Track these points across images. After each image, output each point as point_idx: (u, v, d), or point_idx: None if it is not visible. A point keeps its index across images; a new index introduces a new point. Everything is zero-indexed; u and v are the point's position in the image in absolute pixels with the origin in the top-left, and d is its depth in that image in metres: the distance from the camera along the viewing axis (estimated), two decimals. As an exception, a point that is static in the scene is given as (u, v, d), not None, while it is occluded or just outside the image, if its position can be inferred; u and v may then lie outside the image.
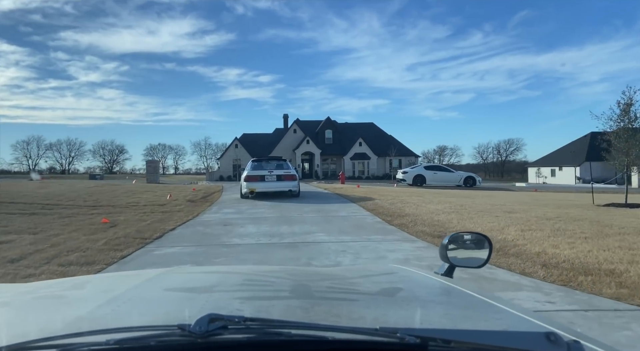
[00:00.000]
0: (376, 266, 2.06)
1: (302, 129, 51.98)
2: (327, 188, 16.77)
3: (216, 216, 9.39)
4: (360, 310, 0.90)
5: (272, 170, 13.10)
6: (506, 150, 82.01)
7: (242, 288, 1.14)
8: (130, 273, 1.86)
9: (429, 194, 14.02)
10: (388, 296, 1.06)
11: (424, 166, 25.35)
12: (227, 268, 2.09)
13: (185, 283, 1.20)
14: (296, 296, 1.03)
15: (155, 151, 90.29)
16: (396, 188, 17.86)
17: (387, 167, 51.54)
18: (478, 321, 0.89)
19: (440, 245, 1.48)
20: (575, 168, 49.28)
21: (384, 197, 12.70)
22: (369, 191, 15.34)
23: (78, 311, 0.88)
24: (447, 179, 24.65)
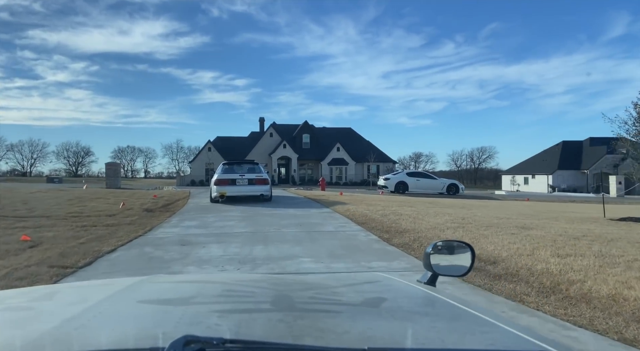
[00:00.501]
0: (360, 274, 1.80)
1: (279, 133, 50.20)
2: (308, 196, 15.11)
3: (174, 231, 7.61)
4: (345, 323, 0.86)
5: (244, 174, 12.60)
6: (479, 158, 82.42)
7: (220, 300, 1.08)
8: (104, 282, 1.58)
9: (420, 204, 12.60)
10: (373, 307, 1.03)
11: (406, 173, 24.05)
12: (206, 277, 1.93)
13: (160, 294, 1.15)
14: (278, 308, 0.97)
15: (124, 153, 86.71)
16: (382, 197, 16.39)
17: (365, 173, 50.30)
18: (464, 335, 0.86)
19: (424, 254, 1.47)
20: (548, 176, 49.26)
21: (372, 206, 11.17)
22: (353, 199, 13.78)
23: (44, 325, 0.83)
24: (430, 186, 23.41)
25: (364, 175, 49.89)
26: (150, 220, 8.90)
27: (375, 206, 11.33)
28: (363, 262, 5.21)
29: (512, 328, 0.88)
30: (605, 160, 47.49)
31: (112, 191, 16.87)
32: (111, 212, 9.90)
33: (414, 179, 23.45)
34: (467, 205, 12.61)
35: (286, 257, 5.46)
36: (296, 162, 48.89)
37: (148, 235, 7.19)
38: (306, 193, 17.09)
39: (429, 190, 23.36)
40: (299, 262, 5.14)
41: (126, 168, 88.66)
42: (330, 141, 49.90)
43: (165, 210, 10.90)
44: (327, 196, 15.24)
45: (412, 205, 11.97)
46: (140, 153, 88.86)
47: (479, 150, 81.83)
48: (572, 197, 28.00)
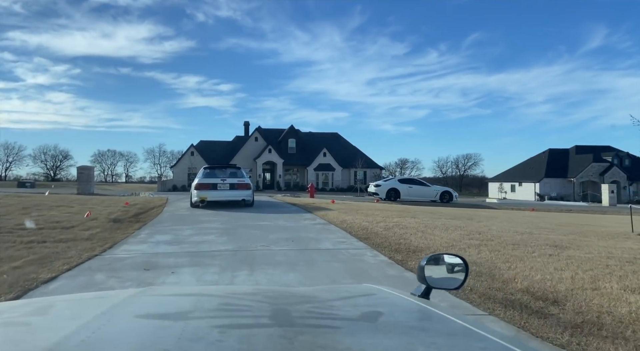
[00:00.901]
0: (353, 286, 1.64)
1: (264, 137, 48.77)
2: (297, 203, 13.80)
3: (140, 249, 6.20)
4: (345, 339, 0.86)
5: (226, 179, 12.33)
6: (464, 165, 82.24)
7: (219, 314, 1.08)
8: (99, 294, 1.47)
9: (421, 213, 11.41)
10: (370, 322, 1.03)
11: (398, 179, 22.92)
12: (201, 290, 1.78)
13: (157, 309, 1.14)
14: (277, 323, 0.97)
15: (104, 158, 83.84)
16: (377, 205, 15.16)
17: (351, 178, 49.16)
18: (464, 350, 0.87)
19: (418, 266, 1.47)
20: (535, 184, 48.89)
21: (371, 216, 9.93)
22: (347, 207, 12.53)
23: (43, 342, 0.80)
24: (423, 194, 22.32)
25: (350, 181, 48.76)
26: (114, 234, 7.46)
27: (374, 216, 10.09)
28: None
29: (508, 343, 0.89)
30: (591, 168, 47.37)
31: (81, 197, 15.26)
32: (70, 223, 8.42)
33: (406, 186, 22.34)
34: (473, 216, 11.47)
35: (279, 289, 4.16)
36: (282, 168, 47.49)
37: (106, 254, 5.78)
38: (294, 201, 15.78)
39: (421, 197, 22.27)
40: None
41: (106, 172, 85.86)
42: (316, 146, 48.69)
43: (136, 220, 9.45)
44: (318, 204, 13.97)
45: (413, 215, 10.77)
46: (121, 158, 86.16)
47: (464, 157, 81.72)
48: (566, 206, 27.28)
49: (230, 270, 4.90)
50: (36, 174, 78.54)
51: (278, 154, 47.27)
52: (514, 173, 53.88)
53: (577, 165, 48.85)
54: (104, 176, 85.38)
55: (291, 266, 5.16)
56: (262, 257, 5.68)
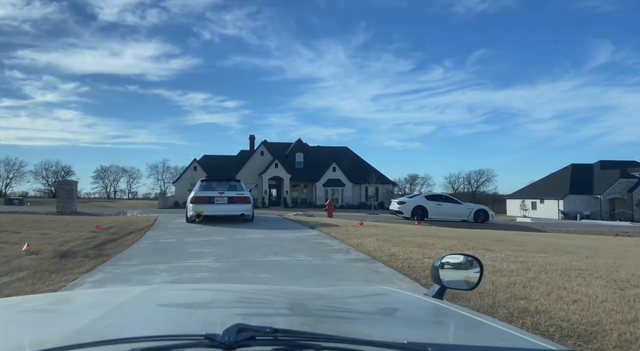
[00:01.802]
0: (365, 287, 1.81)
1: (270, 151, 46.08)
2: (314, 224, 10.85)
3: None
4: (365, 328, 0.84)
5: (224, 192, 11.46)
6: (477, 181, 79.08)
7: (239, 305, 1.07)
8: (117, 289, 1.53)
9: (492, 243, 8.43)
10: (387, 316, 1.01)
11: (425, 195, 19.95)
12: (218, 286, 1.81)
13: (178, 299, 1.13)
14: (297, 313, 0.97)
15: (107, 174, 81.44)
16: (419, 228, 12.06)
17: (362, 195, 46.20)
18: (486, 342, 0.85)
19: (432, 267, 1.46)
20: (559, 201, 45.66)
21: (428, 248, 6.99)
22: (383, 232, 9.41)
23: (74, 324, 0.80)
24: (454, 213, 19.33)
25: (361, 198, 45.80)
26: (39, 282, 4.58)
27: (431, 247, 7.15)
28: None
29: (529, 338, 0.88)
30: (619, 185, 44.16)
31: (53, 218, 12.41)
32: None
33: (435, 203, 19.36)
34: (560, 246, 8.48)
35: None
36: (289, 183, 44.67)
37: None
38: (310, 220, 12.87)
39: (452, 216, 19.28)
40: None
41: (109, 189, 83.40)
42: (325, 161, 45.94)
43: (97, 253, 6.55)
44: (342, 225, 11.06)
45: (484, 245, 7.79)
46: (124, 174, 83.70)
47: (476, 173, 78.57)
48: (612, 227, 24.04)
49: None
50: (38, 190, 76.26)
51: (285, 169, 44.52)
52: (535, 189, 50.67)
53: (602, 181, 45.67)
54: (106, 192, 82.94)
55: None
56: None
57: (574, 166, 48.83)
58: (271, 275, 5.08)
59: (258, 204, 42.62)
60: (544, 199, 47.64)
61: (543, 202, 47.66)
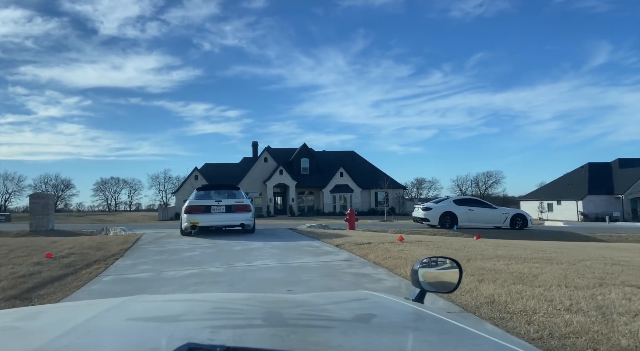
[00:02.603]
0: (345, 292, 1.58)
1: (275, 158, 43.62)
2: (341, 243, 8.18)
3: None
4: (337, 337, 0.84)
5: (221, 200, 10.37)
6: (485, 183, 76.33)
7: (211, 316, 1.03)
8: (87, 302, 1.41)
9: (541, 254, 5.90)
10: (363, 323, 0.98)
11: (453, 200, 17.36)
12: (194, 297, 1.76)
13: (148, 312, 1.10)
14: (270, 324, 0.94)
15: (107, 186, 79.05)
16: (477, 243, 9.43)
17: (372, 200, 43.60)
18: (457, 348, 0.85)
19: (412, 270, 1.45)
20: (577, 202, 42.89)
21: (527, 280, 4.46)
22: (443, 253, 6.99)
23: (34, 343, 0.78)
24: (487, 218, 16.74)
25: (371, 203, 43.21)
26: None
27: (541, 282, 4.58)
28: None
29: (503, 341, 0.88)
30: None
31: (9, 240, 9.87)
32: None
33: (465, 208, 16.78)
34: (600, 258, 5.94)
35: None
36: (294, 190, 42.15)
37: None
38: (329, 234, 10.30)
39: (485, 223, 16.70)
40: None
41: (109, 201, 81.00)
42: (332, 166, 43.43)
43: (14, 306, 4.05)
44: (374, 241, 8.48)
45: (610, 276, 5.22)
46: (125, 185, 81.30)
47: (484, 175, 75.87)
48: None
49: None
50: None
51: (290, 175, 42.02)
52: (550, 190, 47.93)
53: (622, 180, 42.94)
54: (107, 205, 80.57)
55: None
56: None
57: (591, 165, 46.14)
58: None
59: (263, 213, 40.07)
60: (561, 200, 44.89)
61: (560, 204, 44.91)
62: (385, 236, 9.78)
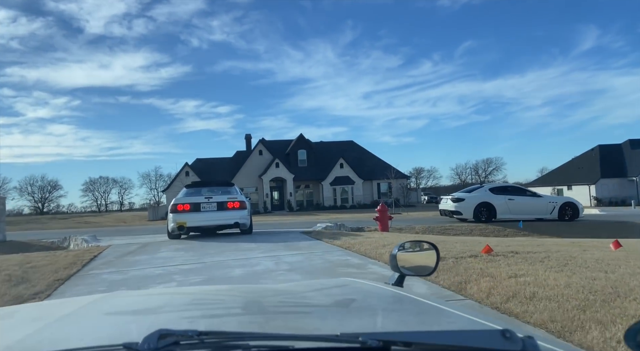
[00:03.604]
0: (327, 280, 1.55)
1: (270, 150, 40.60)
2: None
3: None
4: (315, 321, 0.85)
5: (212, 197, 9.05)
6: (485, 170, 73.96)
7: (190, 307, 1.01)
8: (65, 300, 1.29)
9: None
10: (342, 307, 1.01)
11: (489, 188, 14.54)
12: (174, 290, 1.71)
13: (127, 307, 1.07)
14: (249, 312, 0.94)
15: (96, 185, 75.30)
16: (616, 253, 6.58)
17: (374, 192, 40.81)
18: (432, 326, 0.87)
19: (390, 255, 1.45)
20: (590, 186, 40.51)
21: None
22: (584, 284, 4.12)
23: (6, 340, 0.76)
24: (531, 209, 13.98)
25: (373, 195, 40.43)
26: None
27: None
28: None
29: (477, 318, 0.89)
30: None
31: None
32: None
33: (504, 198, 14.00)
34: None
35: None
36: (292, 184, 39.23)
37: None
38: (361, 240, 7.40)
39: (528, 214, 13.95)
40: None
41: (99, 201, 77.40)
42: (331, 157, 40.51)
43: None
44: (447, 255, 5.75)
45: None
46: (115, 185, 77.66)
47: (484, 162, 73.46)
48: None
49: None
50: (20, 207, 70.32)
51: (287, 168, 39.07)
52: (559, 175, 45.49)
53: (635, 161, 40.61)
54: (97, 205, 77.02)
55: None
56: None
57: (602, 147, 43.74)
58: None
59: (259, 209, 37.14)
60: (572, 185, 42.44)
61: (571, 189, 42.46)
62: (446, 243, 6.89)
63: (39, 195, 72.72)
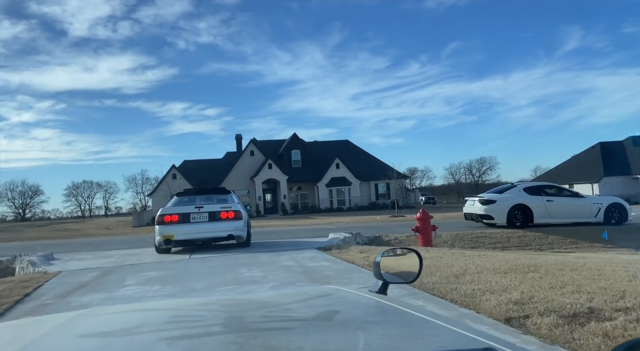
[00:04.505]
0: (311, 288, 1.62)
1: (262, 151, 38.27)
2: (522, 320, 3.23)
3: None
4: (298, 339, 0.82)
5: (203, 206, 8.15)
6: (479, 170, 72.45)
7: (168, 327, 0.95)
8: (40, 318, 1.23)
9: None
10: (326, 321, 0.97)
11: (523, 188, 12.51)
12: (152, 305, 1.52)
13: (102, 327, 1.01)
14: (230, 330, 0.89)
15: (80, 190, 72.01)
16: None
17: (372, 194, 38.73)
18: (416, 340, 0.84)
19: (373, 263, 1.44)
20: (593, 185, 38.99)
21: None
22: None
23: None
24: (573, 211, 11.98)
25: (371, 197, 38.37)
26: None
27: None
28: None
29: (462, 329, 0.87)
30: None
31: None
32: None
33: (542, 199, 11.97)
34: None
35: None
36: (286, 186, 36.95)
37: None
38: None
39: (570, 218, 11.95)
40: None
41: (83, 206, 74.09)
42: (326, 157, 38.33)
43: None
44: (534, 291, 3.52)
45: None
46: (100, 189, 74.39)
47: (478, 162, 71.92)
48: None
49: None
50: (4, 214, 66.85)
51: (280, 170, 36.78)
52: (560, 174, 43.89)
53: (638, 158, 39.25)
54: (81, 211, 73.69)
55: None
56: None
57: (602, 145, 42.32)
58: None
59: (252, 213, 34.77)
60: (574, 184, 40.78)
61: (573, 187, 40.89)
62: (515, 272, 4.69)
63: (20, 201, 69.26)
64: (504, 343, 0.77)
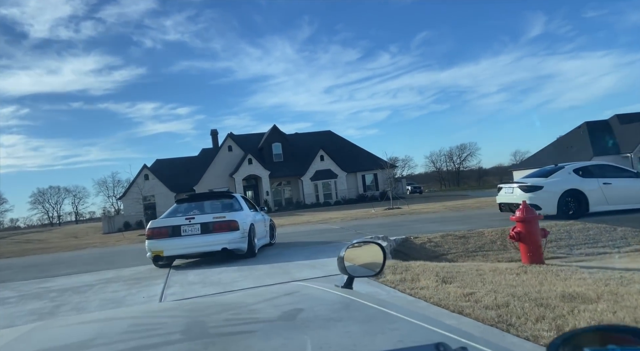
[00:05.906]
0: (279, 286, 1.50)
1: (240, 145, 35.25)
2: None
3: None
4: (258, 343, 0.80)
5: (194, 216, 7.23)
6: (459, 156, 71.36)
7: (125, 338, 0.91)
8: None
9: None
10: (289, 321, 0.95)
11: (573, 169, 10.32)
12: (111, 314, 1.43)
13: (56, 341, 0.97)
14: (189, 337, 0.86)
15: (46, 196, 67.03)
16: None
17: (359, 186, 36.37)
18: (376, 336, 0.83)
19: (338, 257, 1.40)
20: (581, 165, 37.81)
21: None
22: None
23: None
24: (636, 196, 9.86)
25: (359, 189, 36.02)
26: None
27: None
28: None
29: (419, 321, 0.87)
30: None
31: None
32: None
33: (598, 182, 9.77)
34: None
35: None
36: (268, 181, 34.15)
37: None
38: None
39: (633, 203, 9.81)
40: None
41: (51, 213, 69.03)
42: (309, 149, 35.68)
43: None
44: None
45: None
46: (68, 194, 69.45)
47: (458, 148, 70.79)
48: None
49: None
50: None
51: (261, 165, 33.93)
52: (546, 156, 42.68)
53: (626, 137, 38.38)
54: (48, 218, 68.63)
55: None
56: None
57: (589, 124, 41.39)
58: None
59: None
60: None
61: (562, 169, 39.68)
62: None
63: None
64: (461, 333, 0.75)
